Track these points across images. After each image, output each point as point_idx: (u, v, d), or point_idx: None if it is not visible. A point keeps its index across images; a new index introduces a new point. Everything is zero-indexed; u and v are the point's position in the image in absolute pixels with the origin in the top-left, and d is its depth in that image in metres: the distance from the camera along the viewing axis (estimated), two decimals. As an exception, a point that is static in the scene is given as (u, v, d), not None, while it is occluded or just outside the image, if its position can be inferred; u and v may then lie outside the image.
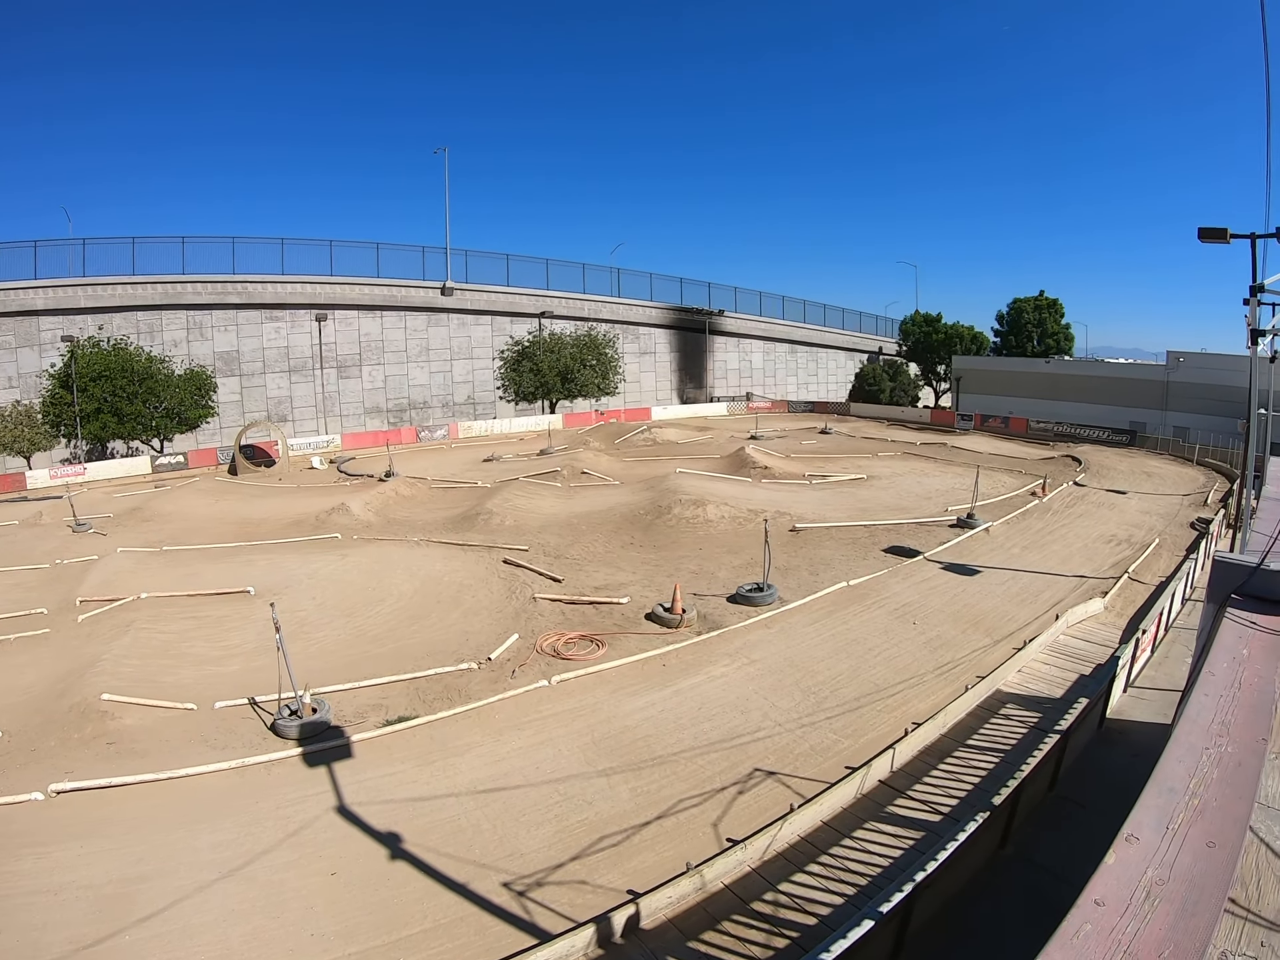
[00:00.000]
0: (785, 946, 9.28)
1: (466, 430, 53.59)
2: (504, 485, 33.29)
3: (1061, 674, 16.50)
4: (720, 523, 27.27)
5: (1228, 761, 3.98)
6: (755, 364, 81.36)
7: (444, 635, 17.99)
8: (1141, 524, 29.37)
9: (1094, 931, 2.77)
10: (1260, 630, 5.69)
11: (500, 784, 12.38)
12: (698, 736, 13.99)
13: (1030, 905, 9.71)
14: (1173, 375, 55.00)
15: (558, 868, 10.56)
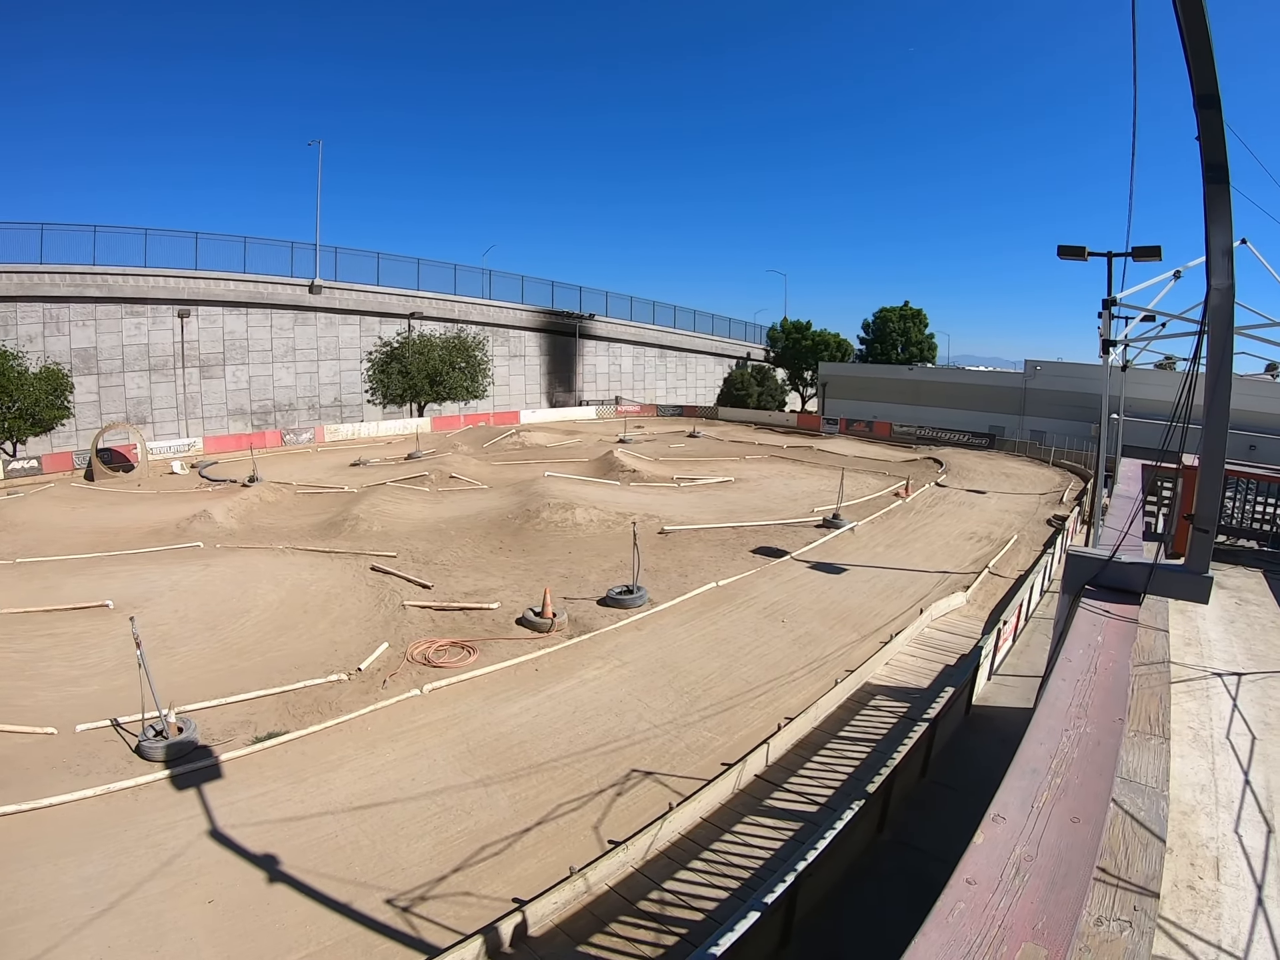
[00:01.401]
0: (674, 944, 9.34)
1: (333, 433, 51.82)
2: (371, 490, 32.54)
3: (928, 665, 17.15)
4: (589, 526, 27.33)
5: (1087, 741, 4.18)
6: (625, 368, 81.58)
7: (312, 646, 17.38)
8: (1001, 522, 30.82)
9: (968, 909, 2.85)
10: (1113, 618, 6.02)
11: (376, 798, 12.03)
12: (573, 740, 13.94)
13: (910, 887, 10.04)
14: (1030, 382, 58.28)
15: (440, 880, 10.34)
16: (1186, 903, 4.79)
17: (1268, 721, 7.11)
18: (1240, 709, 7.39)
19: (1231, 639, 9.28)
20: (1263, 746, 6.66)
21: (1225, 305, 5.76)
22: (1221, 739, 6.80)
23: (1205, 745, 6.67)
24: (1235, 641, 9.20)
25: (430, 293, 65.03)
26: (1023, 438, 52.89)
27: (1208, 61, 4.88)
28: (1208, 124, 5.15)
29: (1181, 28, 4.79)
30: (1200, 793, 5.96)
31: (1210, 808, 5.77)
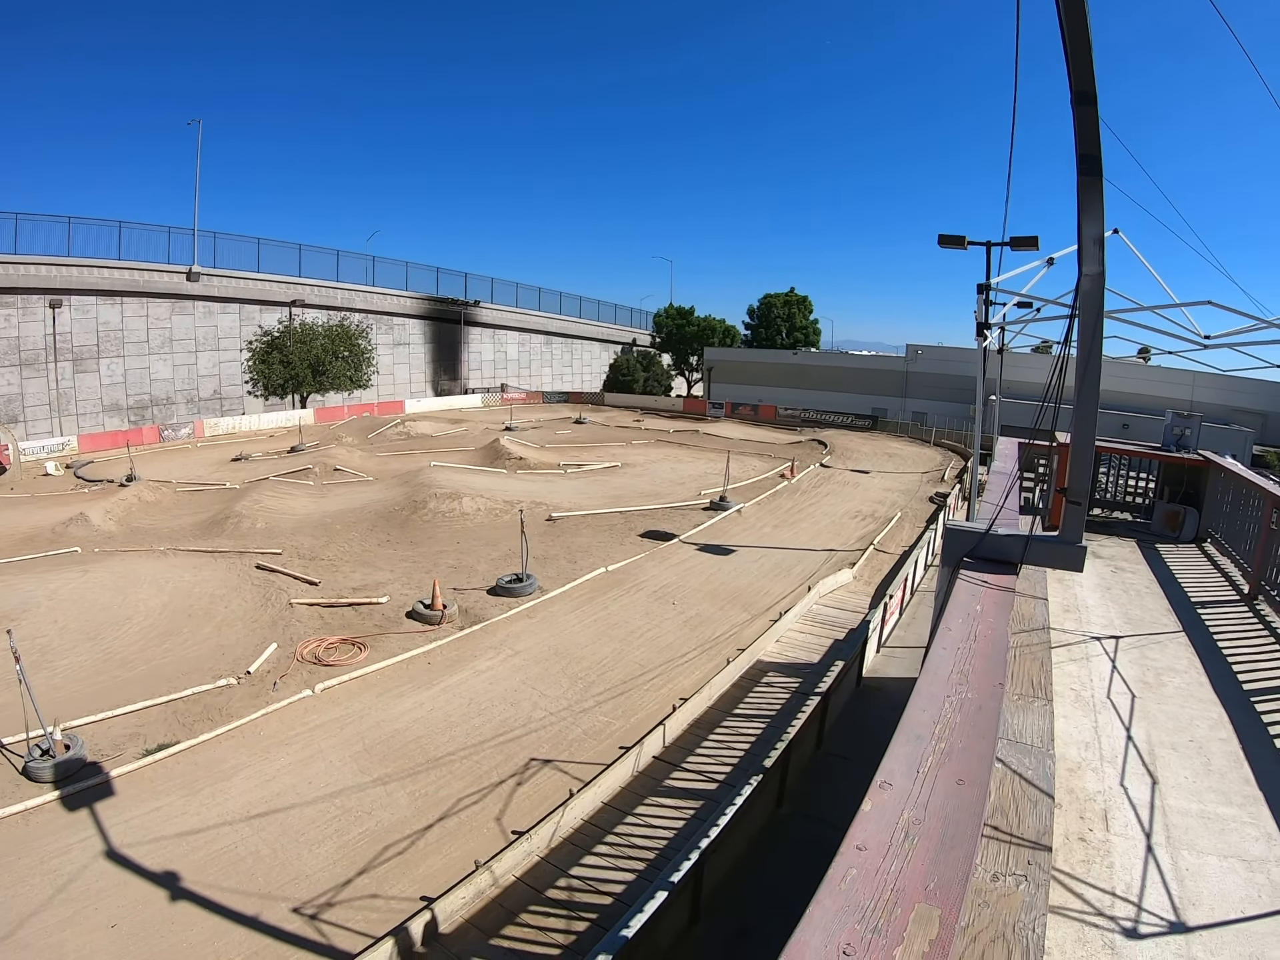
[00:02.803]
0: (586, 929, 9.37)
1: (213, 428, 49.48)
2: (254, 486, 31.25)
3: (818, 641, 17.54)
4: (477, 515, 27.02)
5: (969, 706, 4.24)
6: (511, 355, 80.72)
7: (198, 651, 16.65)
8: (885, 500, 31.74)
9: (860, 874, 2.89)
10: (990, 588, 6.14)
11: (274, 805, 11.63)
12: (470, 733, 13.79)
13: (813, 856, 10.29)
14: (912, 366, 60.29)
15: (346, 884, 10.13)
16: (1079, 854, 5.04)
17: (1146, 681, 7.52)
18: (1119, 670, 7.79)
19: (1109, 605, 9.78)
20: (1142, 704, 7.04)
21: (1096, 290, 5.97)
22: (1103, 699, 7.15)
23: (1088, 705, 7.01)
24: (1112, 607, 9.70)
25: (312, 280, 62.84)
26: (905, 419, 54.67)
27: (1086, 60, 5.02)
28: (1083, 119, 5.30)
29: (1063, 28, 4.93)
30: (1085, 750, 6.26)
31: (1096, 764, 6.07)
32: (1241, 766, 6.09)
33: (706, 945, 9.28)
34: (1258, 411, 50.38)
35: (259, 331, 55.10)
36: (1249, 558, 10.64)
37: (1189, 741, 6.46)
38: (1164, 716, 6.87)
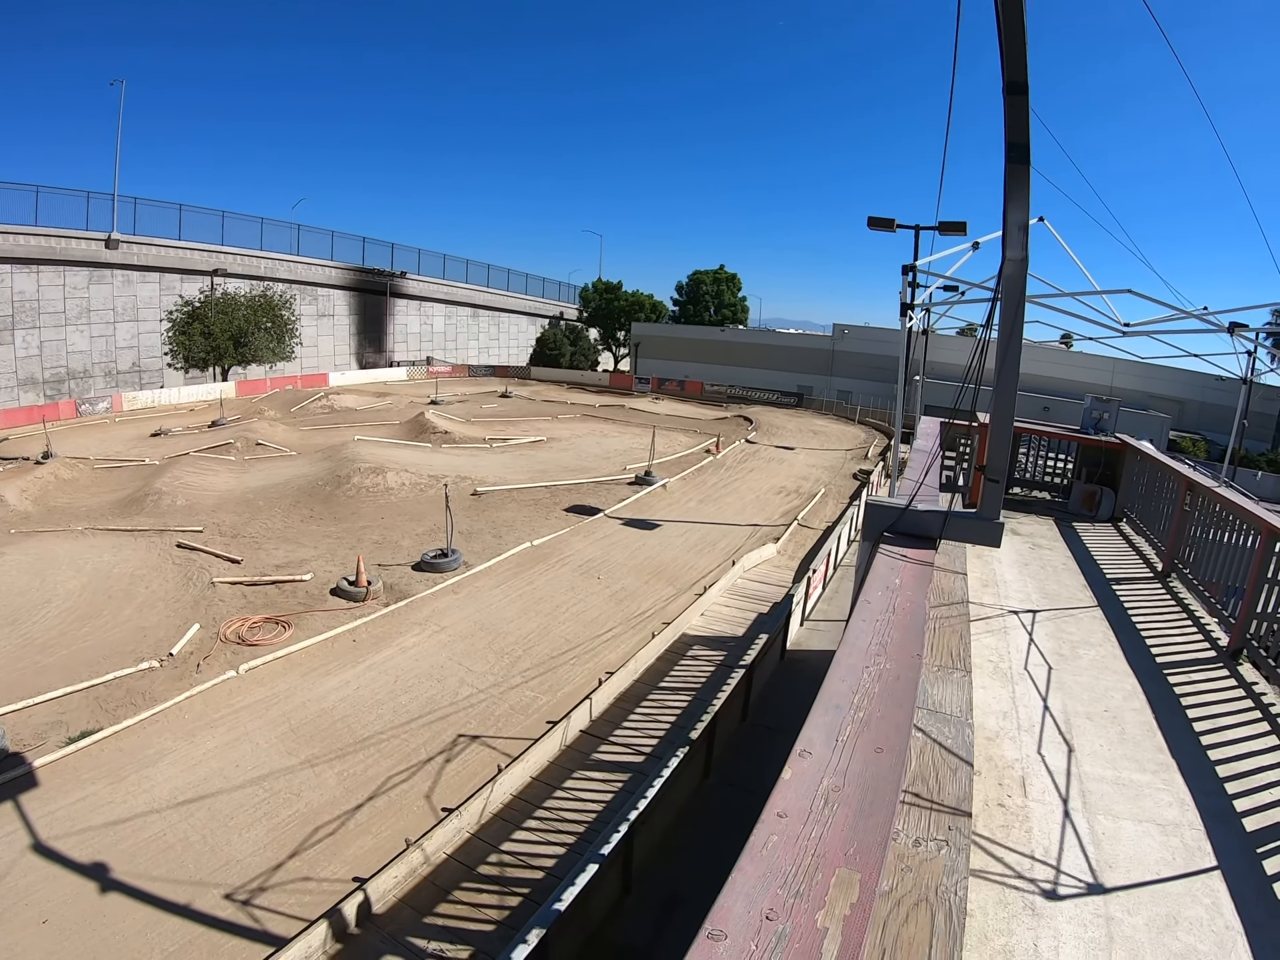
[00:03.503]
0: (518, 904, 9.47)
1: (132, 402, 47.29)
2: (174, 461, 30.28)
3: (742, 614, 17.78)
4: (401, 490, 26.69)
5: (887, 676, 4.29)
6: (437, 328, 79.21)
7: (120, 634, 16.20)
8: (809, 476, 32.09)
9: (781, 841, 2.93)
10: (909, 562, 6.23)
11: (201, 790, 11.45)
12: (397, 711, 13.74)
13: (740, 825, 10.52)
14: (838, 345, 60.97)
15: (278, 868, 10.05)
16: (998, 819, 5.23)
17: (1062, 653, 7.81)
18: (1036, 643, 8.07)
19: (1026, 580, 10.10)
20: (1059, 675, 7.31)
21: (1018, 275, 6.07)
22: (1020, 670, 7.40)
23: (1006, 676, 7.25)
24: (1030, 582, 10.02)
25: (235, 248, 60.42)
26: (830, 397, 55.18)
27: (1020, 51, 5.07)
28: (1014, 108, 5.36)
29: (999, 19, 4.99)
30: (1003, 719, 6.49)
31: (1014, 733, 6.30)
32: (1155, 735, 6.35)
33: (638, 915, 9.47)
34: (1174, 399, 52.25)
35: (179, 302, 52.72)
36: (1163, 537, 11.07)
37: (1104, 711, 6.72)
38: (1079, 687, 7.12)
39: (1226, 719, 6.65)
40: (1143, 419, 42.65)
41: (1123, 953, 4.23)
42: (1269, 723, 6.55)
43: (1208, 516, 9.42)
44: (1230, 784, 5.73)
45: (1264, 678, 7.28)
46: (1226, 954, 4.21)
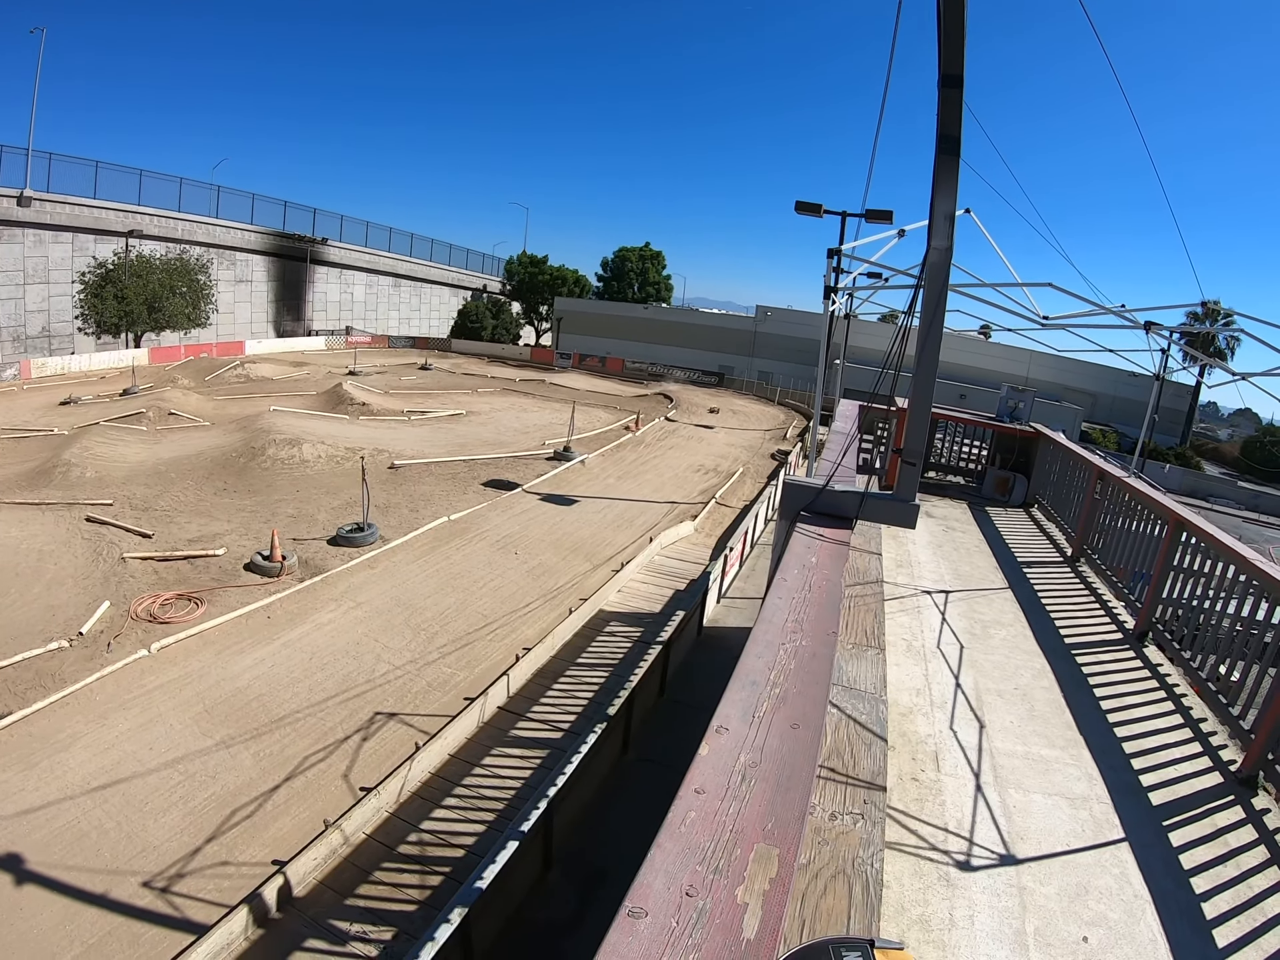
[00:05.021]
0: (440, 883, 9.48)
1: (41, 368, 44.69)
2: (84, 431, 28.90)
3: (659, 591, 17.92)
4: (317, 463, 26.11)
5: (803, 653, 4.25)
6: (357, 296, 76.98)
7: (27, 614, 15.48)
8: (728, 455, 32.27)
9: (699, 817, 2.91)
10: (826, 541, 6.22)
11: (115, 775, 11.09)
12: (313, 689, 13.52)
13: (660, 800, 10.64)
14: (760, 327, 61.12)
15: (195, 853, 9.84)
16: (912, 793, 5.36)
17: (974, 632, 8.02)
18: (949, 622, 8.26)
19: (940, 561, 10.33)
20: (970, 654, 7.51)
21: (942, 264, 6.08)
22: (933, 648, 7.58)
23: (919, 654, 7.41)
24: (943, 563, 10.25)
25: (152, 209, 57.12)
26: (751, 377, 55.41)
27: (958, 45, 5.12)
28: (948, 101, 5.39)
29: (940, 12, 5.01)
30: (916, 696, 6.64)
31: (926, 709, 6.46)
32: (1063, 713, 6.57)
33: (560, 891, 9.56)
34: (1088, 392, 53.90)
35: (93, 264, 49.99)
36: (1073, 523, 11.41)
37: (1014, 689, 6.92)
38: (990, 666, 7.31)
39: (1132, 698, 6.90)
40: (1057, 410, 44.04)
41: (1036, 921, 4.36)
42: (1173, 702, 6.83)
43: (1117, 505, 9.73)
44: (1136, 760, 5.95)
45: (1168, 659, 7.58)
46: (1135, 922, 4.38)
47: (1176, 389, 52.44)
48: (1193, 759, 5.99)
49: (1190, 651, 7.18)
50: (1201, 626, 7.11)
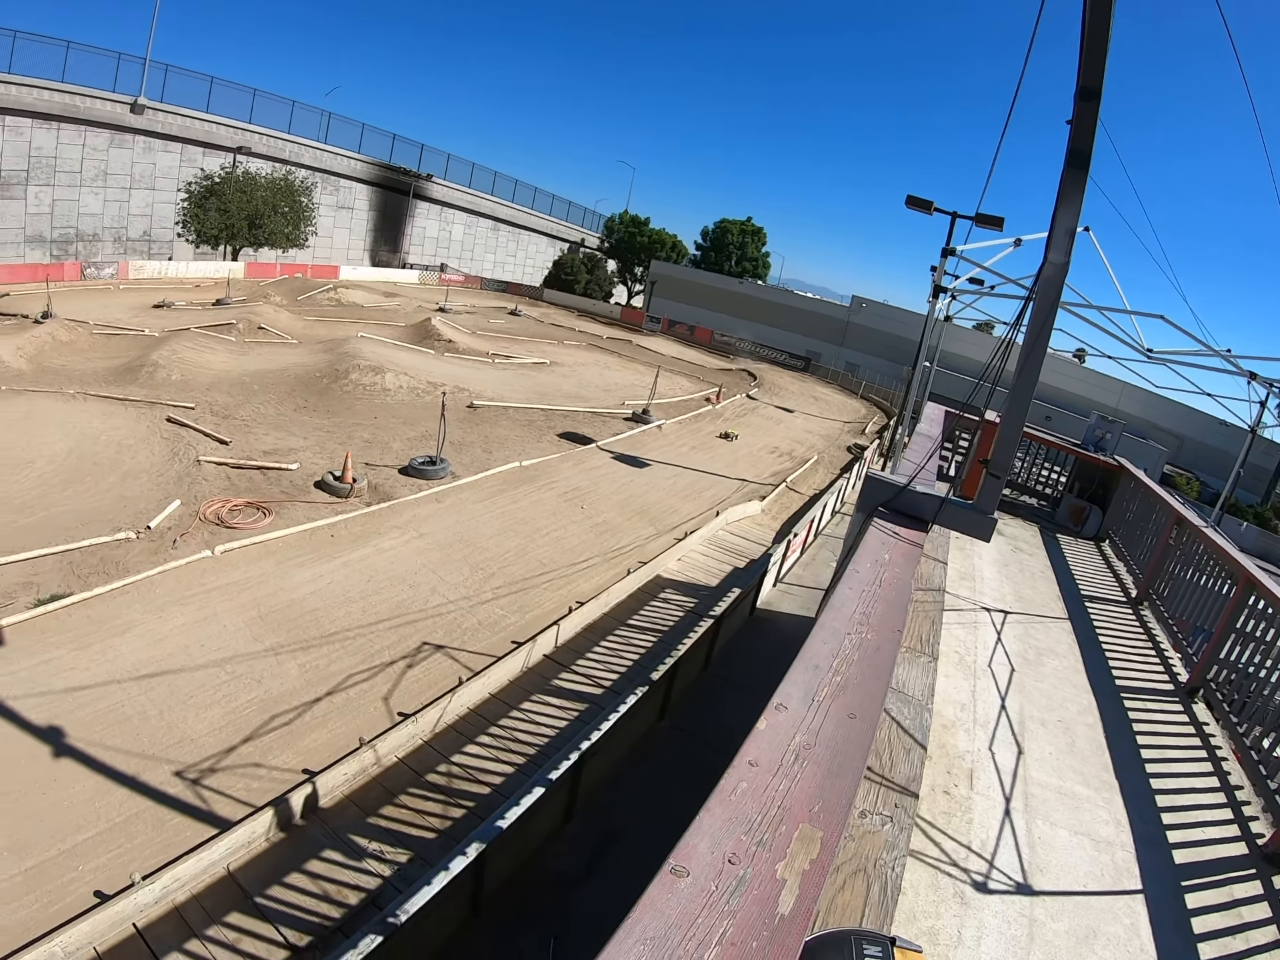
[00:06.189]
0: (462, 816, 9.59)
1: (138, 270, 46.30)
2: (173, 335, 29.72)
3: (718, 565, 17.78)
4: (398, 392, 26.55)
5: (867, 647, 4.30)
6: (455, 236, 77.60)
7: (100, 502, 16.09)
8: (804, 441, 31.85)
9: (749, 788, 2.94)
10: (901, 540, 6.25)
11: (164, 666, 11.47)
12: (366, 610, 13.76)
13: (686, 770, 10.65)
14: (853, 317, 60.11)
15: (230, 751, 10.11)
16: (942, 806, 5.31)
17: (1026, 658, 7.86)
18: (1004, 642, 8.13)
19: (1003, 580, 10.14)
20: (1020, 678, 7.37)
21: (1056, 279, 6.00)
22: (984, 666, 7.47)
23: (969, 670, 7.31)
24: (1006, 583, 10.07)
25: (262, 128, 58.25)
26: (838, 367, 54.56)
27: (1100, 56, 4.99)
28: (1083, 113, 5.30)
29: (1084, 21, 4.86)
30: (961, 711, 6.56)
31: (969, 725, 6.38)
32: (1102, 753, 6.43)
33: (576, 844, 9.58)
34: (1176, 433, 51.86)
35: (199, 175, 51.24)
36: (1141, 564, 11.07)
37: (1058, 721, 6.79)
38: (1038, 694, 7.18)
39: (1173, 752, 6.72)
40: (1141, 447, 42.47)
41: (1040, 955, 4.30)
42: (1213, 764, 6.61)
43: (1190, 554, 9.39)
44: (1166, 814, 5.81)
45: (1215, 720, 7.33)
46: (1138, 975, 4.26)
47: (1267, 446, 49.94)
48: (1222, 825, 5.83)
49: (1239, 717, 6.93)
50: (1254, 694, 6.84)
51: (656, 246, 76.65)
